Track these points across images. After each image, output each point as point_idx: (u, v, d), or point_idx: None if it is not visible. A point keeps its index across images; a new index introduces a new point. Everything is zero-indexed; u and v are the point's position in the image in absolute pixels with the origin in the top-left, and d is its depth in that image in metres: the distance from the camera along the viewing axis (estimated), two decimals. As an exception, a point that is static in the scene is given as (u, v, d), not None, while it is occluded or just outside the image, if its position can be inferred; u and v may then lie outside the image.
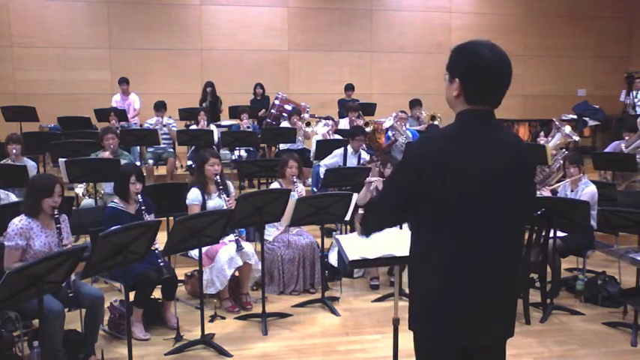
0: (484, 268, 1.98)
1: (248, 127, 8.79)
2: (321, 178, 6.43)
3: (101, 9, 11.08)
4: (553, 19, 12.76)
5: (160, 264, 4.19)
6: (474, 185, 1.95)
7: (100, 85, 10.91)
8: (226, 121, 9.86)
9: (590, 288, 5.02)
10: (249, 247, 4.84)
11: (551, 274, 4.90)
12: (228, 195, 4.94)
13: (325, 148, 7.48)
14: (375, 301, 5.05)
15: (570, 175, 5.29)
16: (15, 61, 10.83)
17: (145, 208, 4.37)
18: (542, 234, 4.74)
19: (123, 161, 6.00)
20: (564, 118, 10.84)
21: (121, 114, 9.06)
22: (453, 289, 1.98)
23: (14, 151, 6.22)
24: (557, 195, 5.47)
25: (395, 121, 8.21)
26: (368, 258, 2.70)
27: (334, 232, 6.16)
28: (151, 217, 4.42)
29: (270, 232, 5.26)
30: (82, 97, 10.59)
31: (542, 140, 7.43)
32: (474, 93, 1.98)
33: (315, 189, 7.29)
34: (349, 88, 10.68)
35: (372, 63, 12.27)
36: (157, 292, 4.46)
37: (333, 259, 5.56)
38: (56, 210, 3.77)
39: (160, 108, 8.70)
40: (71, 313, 3.78)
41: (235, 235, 4.74)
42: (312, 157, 8.01)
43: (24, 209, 3.78)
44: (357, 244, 2.79)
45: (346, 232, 5.90)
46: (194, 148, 8.26)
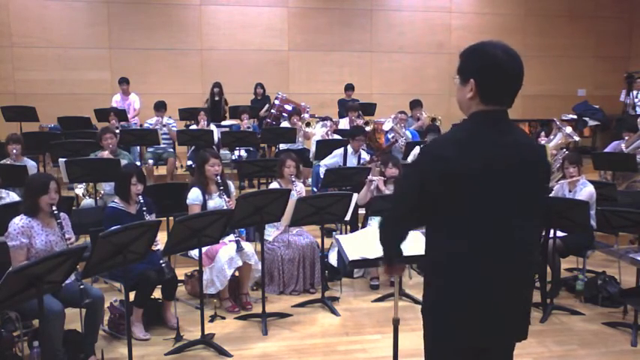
0: (496, 268, 1.98)
1: (248, 128, 8.79)
2: (321, 178, 6.44)
3: (101, 9, 11.08)
4: (553, 19, 12.76)
5: (162, 264, 4.20)
6: (486, 187, 1.95)
7: (100, 85, 10.91)
8: (227, 122, 9.85)
9: (590, 288, 5.02)
10: (249, 247, 4.84)
11: (551, 274, 4.90)
12: (228, 195, 4.94)
13: (325, 148, 7.48)
14: (375, 301, 5.05)
15: (570, 175, 5.29)
16: (15, 61, 10.83)
17: (146, 208, 4.37)
18: (542, 234, 4.74)
19: (123, 161, 6.00)
20: (564, 118, 10.84)
21: (121, 114, 9.07)
22: (465, 289, 1.98)
23: (14, 151, 6.22)
24: (554, 195, 5.47)
25: (394, 123, 8.20)
26: (368, 258, 2.70)
27: (334, 232, 6.16)
28: (152, 218, 4.42)
29: (270, 232, 5.27)
30: (82, 97, 10.60)
31: (543, 140, 7.43)
32: (489, 92, 1.98)
33: (315, 189, 7.28)
34: (349, 88, 10.68)
35: (372, 63, 12.26)
36: (157, 292, 4.45)
37: (333, 259, 5.56)
38: (54, 207, 3.77)
39: (160, 108, 8.70)
40: (71, 313, 3.78)
41: (236, 236, 4.74)
42: (311, 158, 8.01)
43: (23, 209, 3.79)
44: (357, 244, 2.80)
45: (346, 232, 5.90)
46: (194, 148, 8.25)
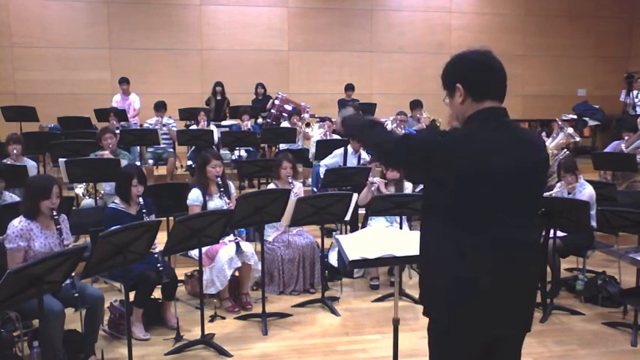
0: (505, 260, 2.00)
1: (249, 129, 8.76)
2: (321, 178, 6.44)
3: (101, 9, 11.08)
4: (553, 19, 12.76)
5: (160, 268, 4.17)
6: (490, 184, 1.97)
7: (100, 85, 10.91)
8: (227, 122, 9.85)
9: (590, 288, 5.02)
10: (248, 247, 4.84)
11: (551, 274, 4.91)
12: (229, 197, 4.93)
13: (325, 148, 7.47)
14: (375, 301, 5.05)
15: (568, 183, 5.25)
16: (15, 61, 10.82)
17: (146, 210, 4.37)
18: (542, 234, 4.74)
19: (123, 161, 5.99)
20: (564, 118, 10.83)
21: (121, 114, 9.07)
22: (475, 280, 1.99)
23: (14, 151, 6.22)
24: (555, 195, 5.46)
25: (394, 125, 8.20)
26: (368, 258, 2.69)
27: (334, 232, 6.16)
28: (152, 218, 4.42)
29: (270, 232, 5.26)
30: (82, 97, 10.59)
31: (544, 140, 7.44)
32: (477, 89, 2.03)
33: (315, 189, 7.28)
34: (349, 88, 10.68)
35: (372, 63, 12.26)
36: (157, 292, 4.45)
37: (333, 259, 5.56)
38: (55, 211, 3.75)
39: (160, 108, 8.69)
40: (71, 313, 3.78)
41: (235, 237, 4.74)
42: (311, 158, 8.01)
43: (23, 211, 3.76)
44: (357, 244, 2.79)
45: (346, 232, 5.89)
46: (194, 148, 8.25)
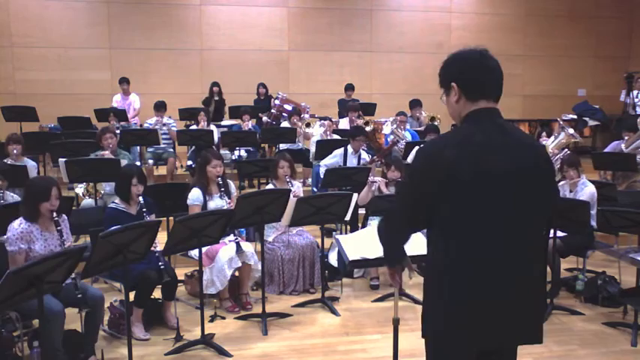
0: (498, 270, 1.96)
1: (249, 129, 8.75)
2: (321, 178, 6.43)
3: (101, 9, 11.08)
4: (553, 19, 12.76)
5: (161, 267, 4.18)
6: (484, 187, 1.93)
7: (100, 85, 10.91)
8: (227, 122, 9.85)
9: (590, 288, 5.02)
10: (249, 247, 4.84)
11: (551, 274, 4.90)
12: (229, 197, 4.93)
13: (325, 148, 7.48)
14: (375, 301, 5.05)
15: (570, 178, 5.29)
16: (15, 61, 10.83)
17: (146, 209, 4.37)
18: (543, 234, 4.73)
19: (123, 161, 5.99)
20: (564, 118, 10.83)
21: (121, 114, 9.07)
22: (469, 291, 1.95)
23: (15, 152, 6.22)
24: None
25: (394, 126, 8.20)
26: (368, 258, 2.70)
27: (334, 232, 6.16)
28: (152, 218, 4.42)
29: (270, 232, 5.26)
30: (82, 97, 10.59)
31: (544, 140, 7.44)
32: (471, 88, 2.01)
33: (315, 189, 7.28)
34: (349, 88, 10.67)
35: (372, 63, 12.26)
36: (157, 292, 4.45)
37: (333, 259, 5.56)
38: (55, 213, 3.74)
39: (160, 108, 8.69)
40: (71, 313, 3.78)
41: (235, 237, 4.74)
42: (311, 158, 8.01)
43: (22, 213, 3.75)
44: (357, 244, 2.79)
45: (346, 232, 5.89)
46: (194, 148, 8.26)
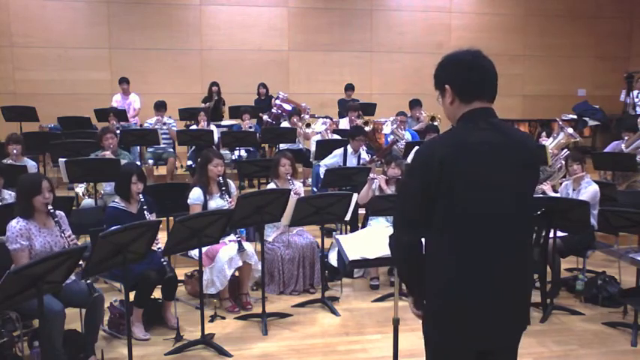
0: (494, 270, 1.97)
1: (250, 128, 8.76)
2: (321, 178, 6.43)
3: (101, 9, 11.08)
4: (553, 19, 12.76)
5: (163, 263, 4.20)
6: (480, 187, 1.94)
7: (100, 85, 10.91)
8: (227, 121, 9.85)
9: (590, 288, 5.02)
10: (249, 247, 4.84)
11: (551, 274, 4.90)
12: (230, 196, 4.94)
13: (325, 148, 7.48)
14: (375, 301, 5.05)
15: (573, 173, 5.28)
16: (15, 61, 10.83)
17: (147, 207, 4.38)
18: (542, 234, 4.74)
19: (123, 161, 5.99)
20: (564, 118, 10.83)
21: (121, 114, 9.07)
22: (464, 292, 1.96)
23: (14, 151, 6.21)
24: (558, 193, 5.47)
25: (394, 126, 8.20)
26: (368, 258, 2.70)
27: (334, 232, 6.16)
28: (153, 217, 4.43)
29: (270, 232, 5.26)
30: (82, 97, 10.59)
31: (544, 140, 7.44)
32: (465, 90, 2.01)
33: (315, 189, 7.28)
34: (349, 88, 10.67)
35: (372, 63, 12.26)
36: (157, 292, 4.45)
37: (333, 259, 5.56)
38: (50, 206, 3.75)
39: (160, 108, 8.70)
40: (71, 313, 3.78)
41: (237, 237, 4.74)
42: (311, 158, 8.01)
43: (18, 212, 3.75)
44: (357, 244, 2.79)
45: (346, 232, 5.89)
46: (194, 148, 8.26)
